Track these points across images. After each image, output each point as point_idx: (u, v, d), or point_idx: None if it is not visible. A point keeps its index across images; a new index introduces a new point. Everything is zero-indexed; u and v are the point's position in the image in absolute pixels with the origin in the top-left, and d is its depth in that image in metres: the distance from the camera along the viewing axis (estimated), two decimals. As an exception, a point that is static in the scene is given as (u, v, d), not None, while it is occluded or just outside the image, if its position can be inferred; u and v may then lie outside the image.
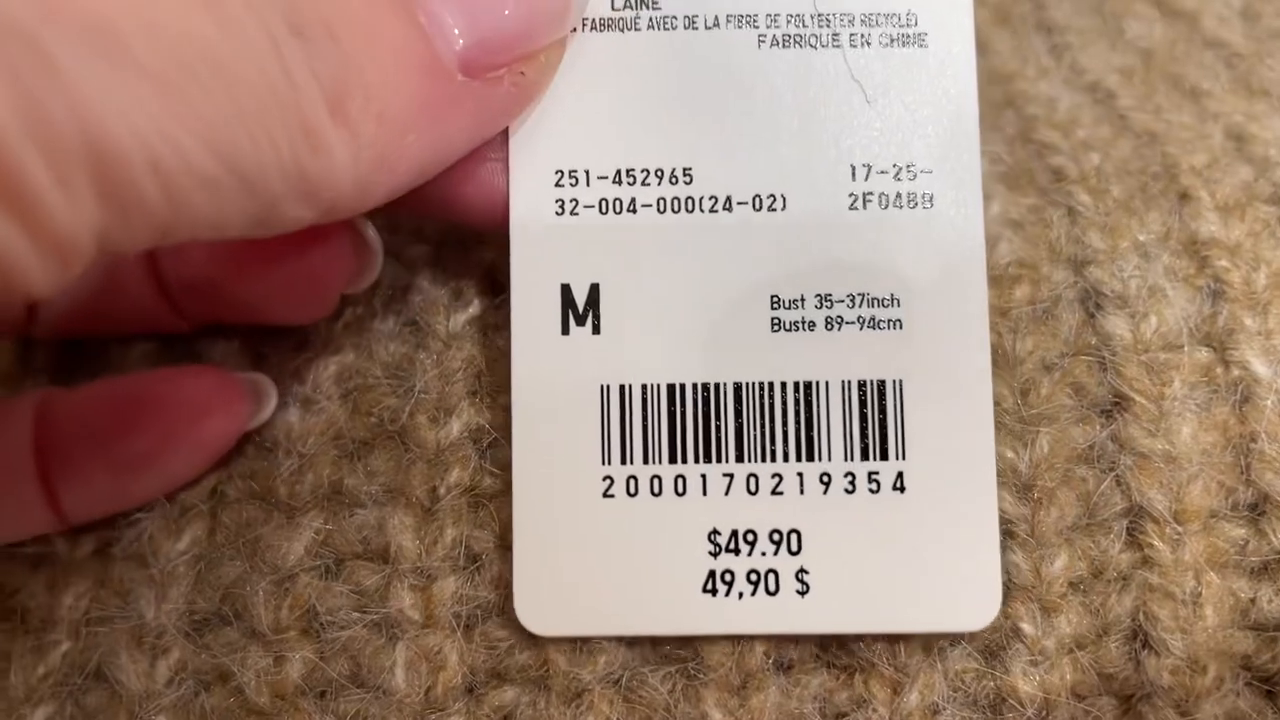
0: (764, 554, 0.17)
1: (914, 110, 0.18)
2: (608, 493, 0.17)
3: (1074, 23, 0.24)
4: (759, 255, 0.18)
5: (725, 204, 0.18)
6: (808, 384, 0.17)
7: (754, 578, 0.17)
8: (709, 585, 0.17)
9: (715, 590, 0.17)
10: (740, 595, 0.17)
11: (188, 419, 0.18)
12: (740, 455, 0.17)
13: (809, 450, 0.17)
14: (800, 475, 0.17)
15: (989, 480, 0.17)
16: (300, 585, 0.18)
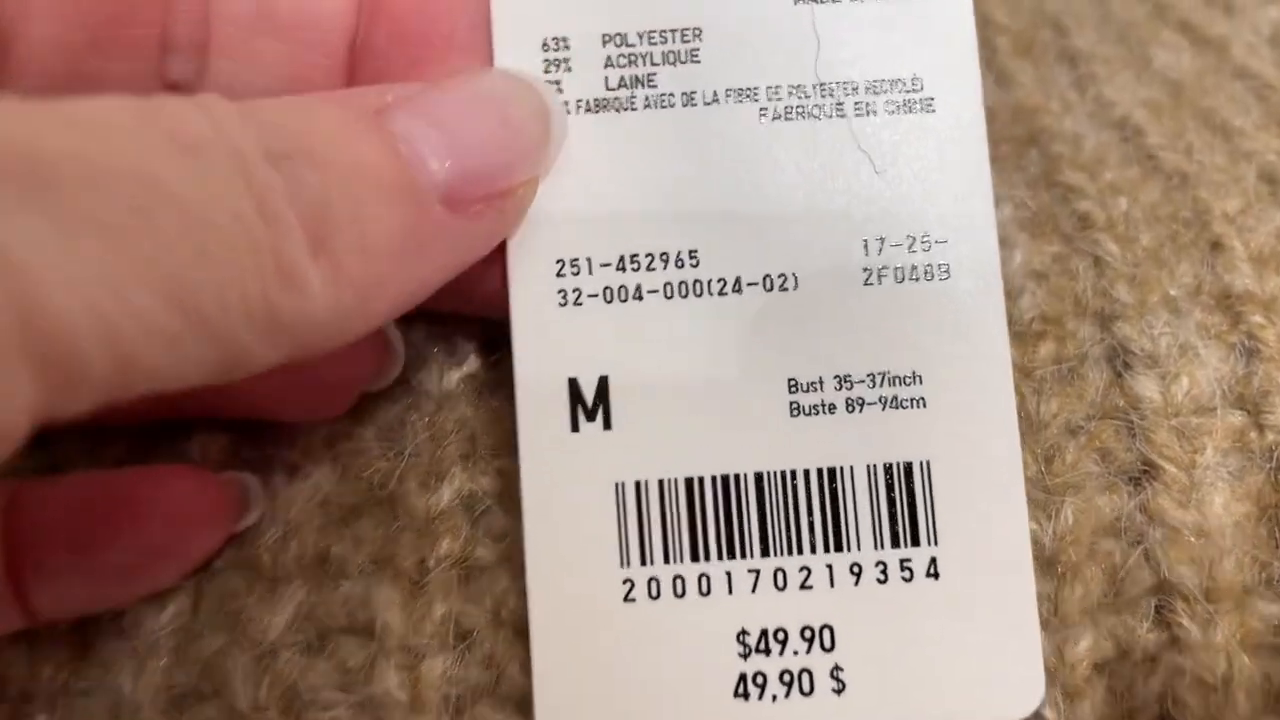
0: (796, 653, 0.16)
1: (925, 178, 0.17)
2: (629, 596, 0.16)
3: (1099, 51, 0.23)
4: (773, 337, 0.17)
5: (735, 285, 0.17)
6: (831, 470, 0.16)
7: (787, 678, 0.16)
8: (741, 689, 0.16)
9: (748, 694, 0.16)
10: (774, 698, 0.16)
11: (172, 532, 0.17)
12: (765, 549, 0.16)
13: (837, 540, 0.16)
14: (829, 567, 0.16)
15: (1025, 561, 0.16)
16: (281, 661, 0.17)
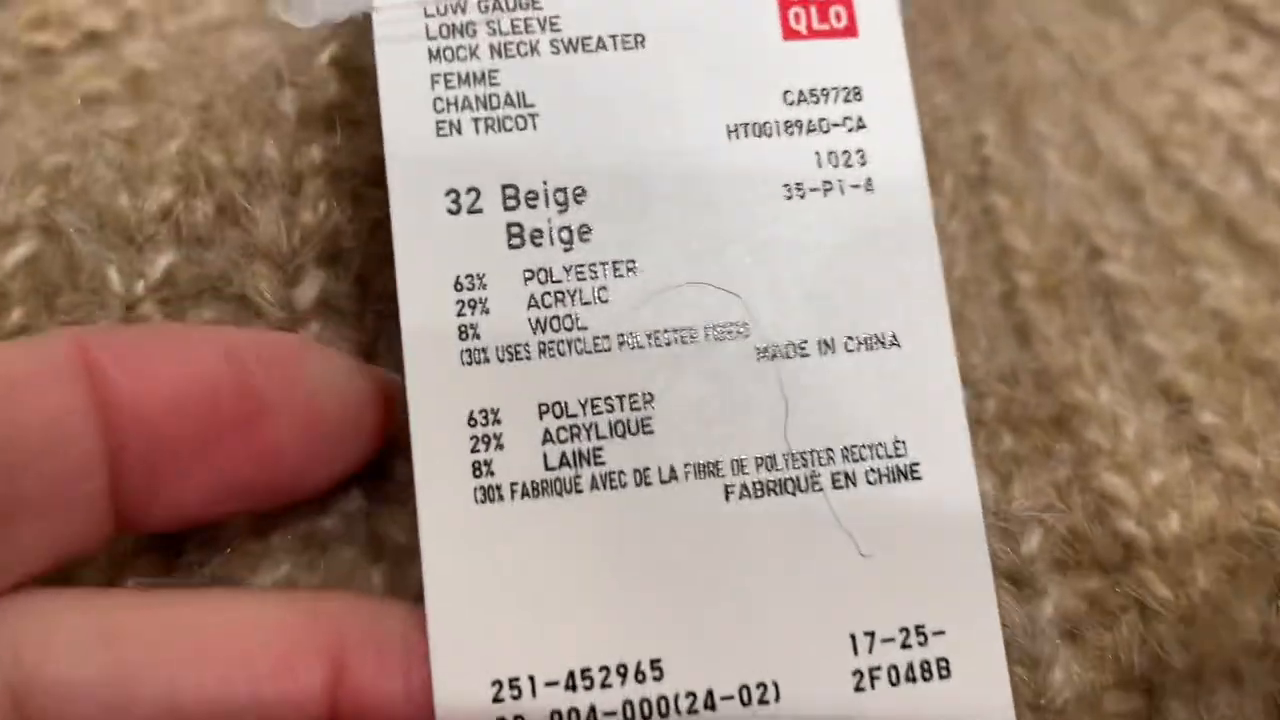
0: None
1: (917, 558, 0.15)
2: None
3: (1137, 281, 0.20)
4: None
5: (706, 702, 0.14)
6: None
7: None
8: None
9: None
10: None
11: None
12: None
13: None
14: None
15: None
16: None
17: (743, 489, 0.15)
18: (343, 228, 0.17)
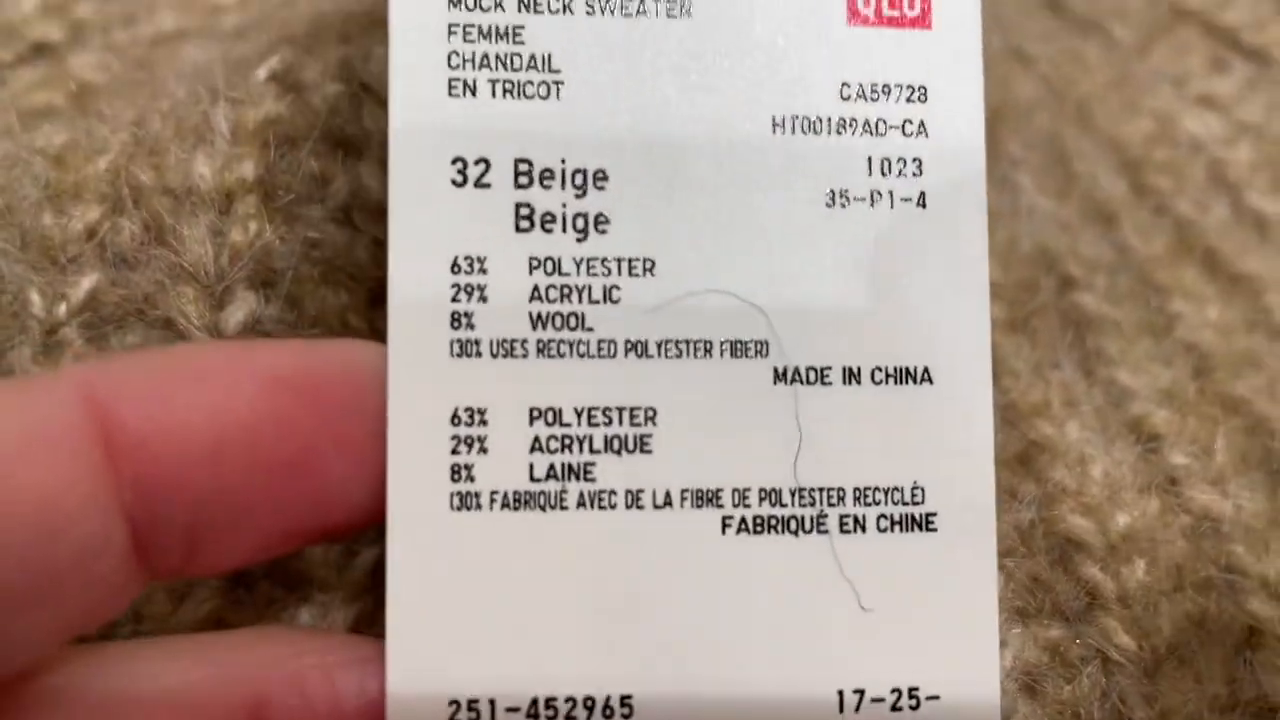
0: None
1: (922, 617, 0.14)
2: None
3: (1109, 313, 0.20)
4: None
5: None
6: None
7: None
8: None
9: None
10: None
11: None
12: None
13: None
14: None
15: None
16: None
17: (742, 523, 0.14)
18: (274, 248, 0.16)
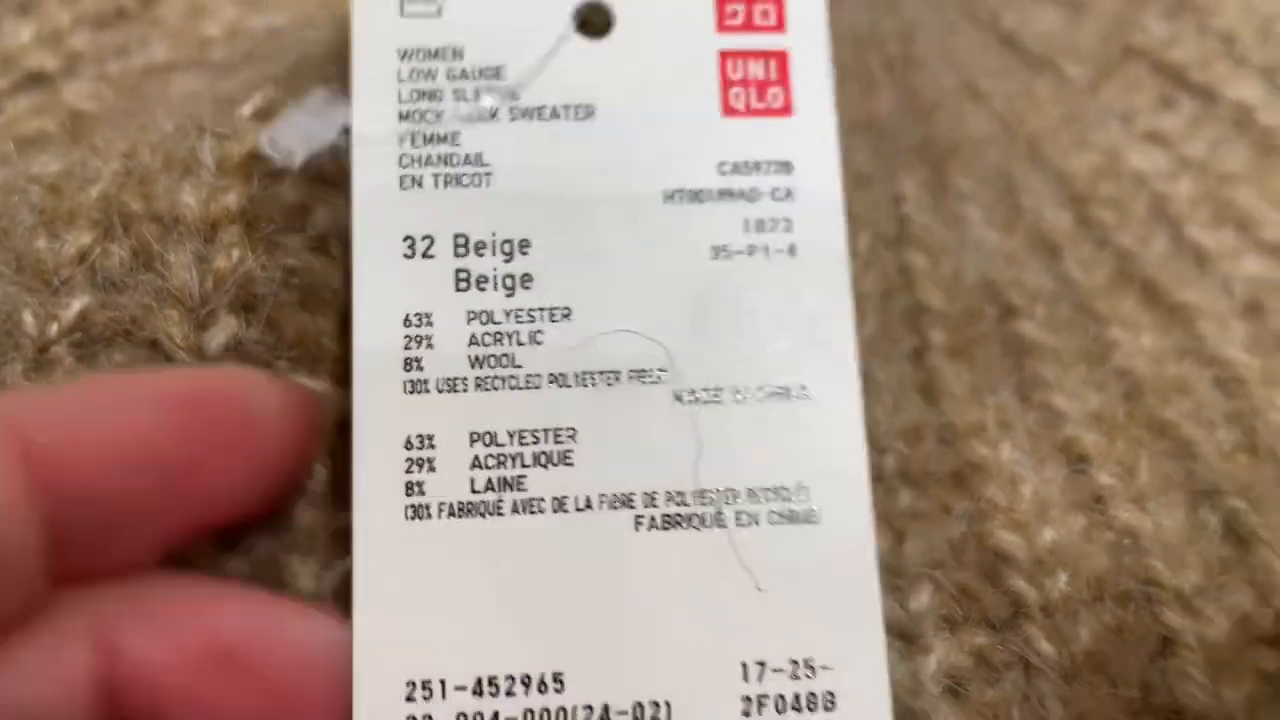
0: None
1: (811, 597, 0.16)
2: None
3: (1048, 341, 0.21)
4: None
5: (602, 715, 0.15)
6: None
7: None
8: None
9: None
10: None
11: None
12: None
13: None
14: None
15: None
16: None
17: (652, 521, 0.16)
18: (255, 275, 0.17)
